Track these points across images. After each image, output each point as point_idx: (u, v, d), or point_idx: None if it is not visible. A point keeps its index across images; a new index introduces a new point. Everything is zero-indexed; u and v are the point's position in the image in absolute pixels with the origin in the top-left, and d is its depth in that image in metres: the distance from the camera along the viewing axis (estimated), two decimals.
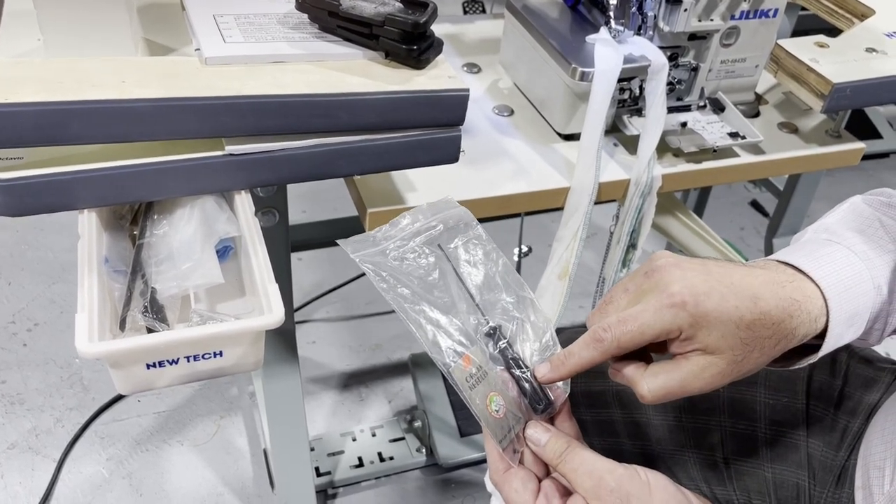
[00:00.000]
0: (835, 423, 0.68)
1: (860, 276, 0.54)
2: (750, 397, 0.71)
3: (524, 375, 0.54)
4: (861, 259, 0.54)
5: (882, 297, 0.54)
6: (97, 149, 0.62)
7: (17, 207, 0.60)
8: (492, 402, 0.52)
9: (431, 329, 0.53)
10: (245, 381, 1.49)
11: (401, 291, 0.53)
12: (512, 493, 0.51)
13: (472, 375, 0.52)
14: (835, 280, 0.53)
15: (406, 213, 0.58)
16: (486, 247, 0.58)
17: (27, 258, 1.71)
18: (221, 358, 0.58)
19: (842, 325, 0.53)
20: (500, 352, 0.54)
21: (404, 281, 0.54)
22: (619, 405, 0.76)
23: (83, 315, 0.55)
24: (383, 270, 0.54)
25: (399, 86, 0.65)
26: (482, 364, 0.53)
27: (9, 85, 0.57)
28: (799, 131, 0.96)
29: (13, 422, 1.38)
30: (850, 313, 0.53)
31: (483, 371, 0.53)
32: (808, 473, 0.68)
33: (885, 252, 0.55)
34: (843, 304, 0.53)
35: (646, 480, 0.49)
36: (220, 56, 0.64)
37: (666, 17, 0.85)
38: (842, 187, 2.04)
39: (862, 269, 0.54)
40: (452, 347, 0.53)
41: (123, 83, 0.59)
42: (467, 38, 1.08)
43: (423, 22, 0.66)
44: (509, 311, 0.56)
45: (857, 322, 0.54)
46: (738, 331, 0.50)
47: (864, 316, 0.54)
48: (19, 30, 0.75)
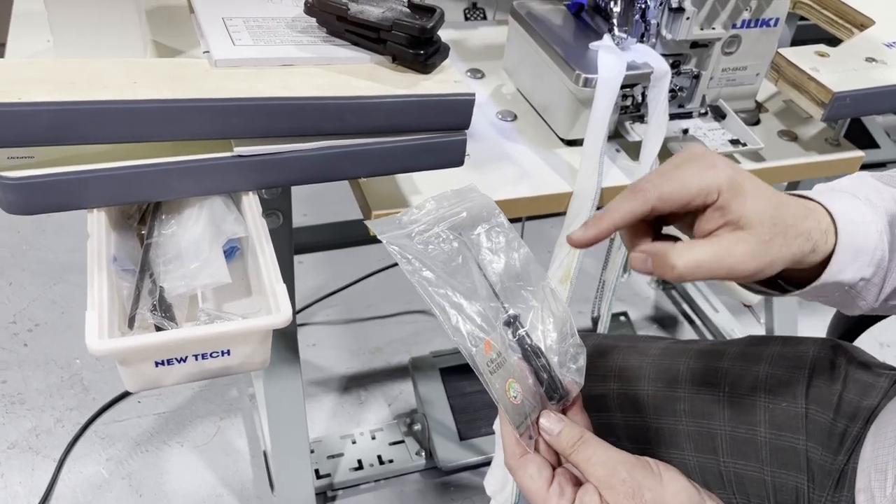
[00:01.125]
0: (834, 427, 0.68)
1: (865, 215, 0.54)
2: (749, 401, 0.71)
3: (541, 365, 0.55)
4: (866, 204, 0.55)
5: (884, 245, 0.55)
6: (107, 148, 0.62)
7: (27, 206, 0.60)
8: (510, 388, 0.53)
9: (454, 313, 0.54)
10: (245, 382, 1.49)
11: (425, 275, 0.54)
12: (526, 479, 0.51)
13: (493, 361, 0.53)
14: (841, 210, 0.54)
15: (431, 198, 0.59)
16: (509, 235, 0.59)
17: (28, 258, 1.71)
18: (229, 357, 0.59)
19: (847, 253, 0.53)
20: (518, 341, 0.55)
21: (428, 264, 0.55)
22: (620, 409, 0.77)
23: (93, 312, 0.56)
24: (409, 253, 0.55)
25: (406, 90, 0.66)
26: (501, 351, 0.54)
27: (21, 85, 0.58)
28: (799, 139, 0.97)
29: (13, 421, 1.38)
30: (856, 246, 0.53)
31: (503, 357, 0.54)
32: (808, 477, 0.68)
33: (886, 203, 0.57)
34: (848, 228, 0.53)
35: (657, 472, 0.50)
36: (229, 58, 0.65)
37: (668, 24, 0.86)
38: None
39: (867, 211, 0.55)
40: (474, 332, 0.53)
41: (135, 84, 0.60)
42: (471, 43, 1.09)
43: (431, 27, 0.67)
44: (529, 301, 0.57)
45: (860, 258, 0.54)
46: (769, 205, 0.51)
47: (867, 254, 0.54)
48: (29, 31, 0.75)
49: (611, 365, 0.79)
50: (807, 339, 0.75)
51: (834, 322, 0.98)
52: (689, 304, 1.76)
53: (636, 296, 1.80)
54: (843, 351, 0.73)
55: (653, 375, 0.76)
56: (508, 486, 0.83)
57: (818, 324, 1.00)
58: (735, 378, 0.73)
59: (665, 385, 0.75)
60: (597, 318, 1.58)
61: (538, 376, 0.55)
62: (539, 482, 0.51)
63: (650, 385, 0.76)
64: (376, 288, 1.69)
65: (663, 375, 0.75)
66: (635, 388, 0.76)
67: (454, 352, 1.46)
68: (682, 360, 0.76)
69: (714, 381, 0.73)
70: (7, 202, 0.60)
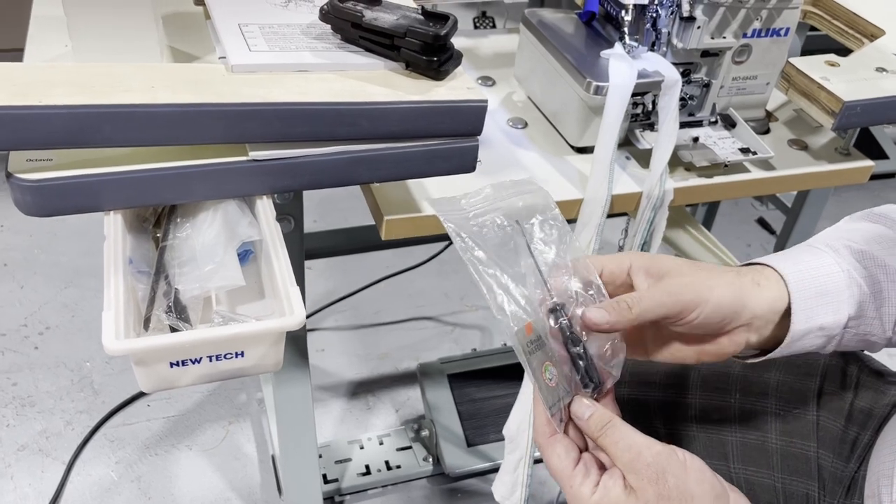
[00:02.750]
0: (845, 435, 0.68)
1: (822, 259, 0.57)
2: (761, 408, 0.71)
3: (578, 353, 0.56)
4: (825, 251, 0.58)
5: (858, 281, 0.56)
6: (124, 152, 0.63)
7: (46, 208, 0.61)
8: (546, 370, 0.55)
9: (501, 293, 0.55)
10: (254, 387, 1.50)
11: (477, 254, 0.56)
12: (554, 458, 0.53)
13: (532, 342, 0.55)
14: (784, 261, 0.57)
15: (490, 185, 0.61)
16: (562, 229, 0.60)
17: (40, 262, 1.72)
18: (243, 358, 0.60)
19: (808, 297, 0.55)
20: (560, 328, 0.56)
21: (482, 245, 0.57)
22: (630, 415, 0.76)
23: (110, 313, 0.57)
24: (463, 231, 0.57)
25: (419, 96, 0.67)
26: (542, 335, 0.55)
27: (41, 87, 0.59)
28: (808, 148, 0.97)
29: (24, 424, 1.39)
30: (818, 289, 0.56)
31: (542, 341, 0.55)
32: (819, 484, 0.68)
33: (849, 243, 0.59)
34: (798, 275, 0.56)
35: (682, 460, 0.51)
36: (245, 64, 0.66)
37: (679, 33, 0.87)
38: (849, 207, 2.03)
39: (825, 256, 0.57)
40: (517, 313, 0.55)
41: (153, 88, 0.61)
42: (481, 51, 1.09)
43: (444, 34, 0.68)
44: (574, 293, 0.58)
45: (831, 299, 0.56)
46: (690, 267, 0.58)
47: (837, 293, 0.56)
48: (47, 36, 0.76)
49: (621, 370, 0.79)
50: None
51: None
52: None
53: None
54: (854, 359, 0.73)
55: (663, 382, 0.76)
56: (517, 492, 0.83)
57: None
58: (746, 385, 0.73)
59: (676, 391, 0.75)
60: None
61: (575, 364, 0.56)
62: (566, 461, 0.52)
63: (660, 391, 0.76)
64: (385, 294, 1.70)
65: (674, 381, 0.76)
66: (645, 394, 0.76)
67: (462, 358, 1.46)
68: (693, 366, 0.76)
69: (725, 388, 0.73)
70: (25, 204, 0.61)
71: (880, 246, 0.59)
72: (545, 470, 1.41)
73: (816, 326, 0.56)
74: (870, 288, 0.57)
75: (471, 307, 1.74)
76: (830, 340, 0.57)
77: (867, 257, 0.58)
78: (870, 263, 0.58)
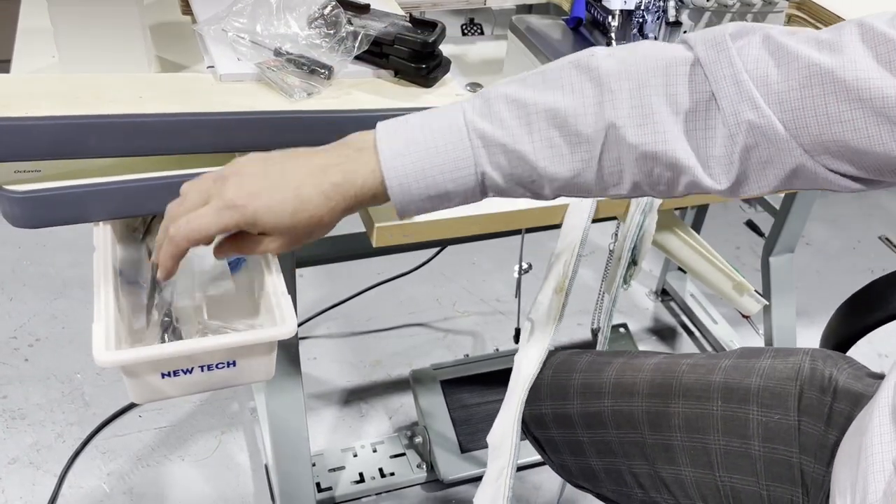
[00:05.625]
0: (825, 439, 0.68)
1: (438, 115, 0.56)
2: (743, 415, 0.71)
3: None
4: (445, 109, 0.57)
5: (475, 126, 0.56)
6: (112, 162, 0.63)
7: (34, 220, 0.61)
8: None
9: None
10: (246, 396, 1.49)
11: None
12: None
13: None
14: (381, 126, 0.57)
15: None
16: None
17: (29, 274, 1.71)
18: (235, 368, 0.59)
19: (396, 142, 0.56)
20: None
21: None
22: (615, 426, 0.77)
23: (100, 325, 0.56)
24: None
25: (408, 103, 0.67)
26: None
27: (28, 100, 0.59)
28: None
29: (14, 437, 1.38)
30: (407, 139, 0.55)
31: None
32: (802, 490, 0.68)
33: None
34: (392, 133, 0.56)
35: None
36: (233, 73, 0.66)
37: (666, 38, 0.87)
38: (835, 208, 2.07)
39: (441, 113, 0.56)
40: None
41: (141, 98, 0.61)
42: (469, 58, 1.10)
43: (432, 41, 0.68)
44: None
45: (413, 148, 0.55)
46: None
47: (425, 143, 0.55)
48: (34, 47, 0.76)
49: (605, 382, 0.79)
50: (798, 350, 0.75)
51: (827, 332, 0.98)
52: (688, 316, 1.76)
53: (635, 307, 1.80)
54: (833, 362, 0.73)
55: (646, 391, 0.76)
56: (498, 503, 0.83)
57: (817, 335, 1.00)
58: (727, 392, 0.73)
59: (659, 401, 0.75)
60: (597, 330, 1.58)
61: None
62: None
63: (644, 401, 0.76)
64: (376, 301, 1.70)
65: (657, 391, 0.76)
66: (629, 405, 0.76)
67: (455, 364, 1.46)
68: (675, 375, 0.76)
69: (707, 396, 0.73)
70: (14, 216, 0.61)
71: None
72: (539, 475, 1.41)
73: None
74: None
75: (463, 313, 1.74)
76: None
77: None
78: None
